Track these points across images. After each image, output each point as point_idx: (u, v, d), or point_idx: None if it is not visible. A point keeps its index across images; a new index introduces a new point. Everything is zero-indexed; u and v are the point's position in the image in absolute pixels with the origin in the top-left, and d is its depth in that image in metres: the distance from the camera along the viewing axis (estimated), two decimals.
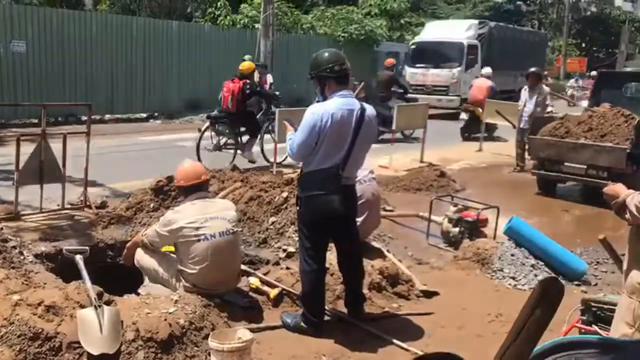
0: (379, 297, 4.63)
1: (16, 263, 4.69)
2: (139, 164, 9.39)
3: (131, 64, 15.08)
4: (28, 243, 5.24)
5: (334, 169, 3.79)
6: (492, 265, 5.35)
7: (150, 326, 3.49)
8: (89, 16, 14.54)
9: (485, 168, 10.97)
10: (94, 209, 6.32)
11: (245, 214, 6.17)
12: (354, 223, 4.22)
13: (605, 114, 8.57)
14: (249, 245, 5.79)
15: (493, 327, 4.34)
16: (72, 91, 13.81)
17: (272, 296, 4.39)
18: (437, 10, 37.53)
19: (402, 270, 5.10)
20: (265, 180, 6.63)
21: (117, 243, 5.63)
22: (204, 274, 4.01)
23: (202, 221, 4.02)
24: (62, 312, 3.42)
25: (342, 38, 21.21)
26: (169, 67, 15.87)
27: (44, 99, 12.99)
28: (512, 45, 22.54)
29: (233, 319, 4.01)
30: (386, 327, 4.20)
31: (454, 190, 8.74)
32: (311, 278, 4.03)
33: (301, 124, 3.87)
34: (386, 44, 23.85)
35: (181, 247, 4.07)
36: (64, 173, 6.27)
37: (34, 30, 13.14)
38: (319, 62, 3.94)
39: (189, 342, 3.59)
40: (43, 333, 3.25)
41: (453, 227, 6.27)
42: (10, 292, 3.56)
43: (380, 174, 9.47)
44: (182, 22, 17.71)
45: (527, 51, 23.55)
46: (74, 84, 13.96)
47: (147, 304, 3.76)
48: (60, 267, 4.95)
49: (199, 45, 16.56)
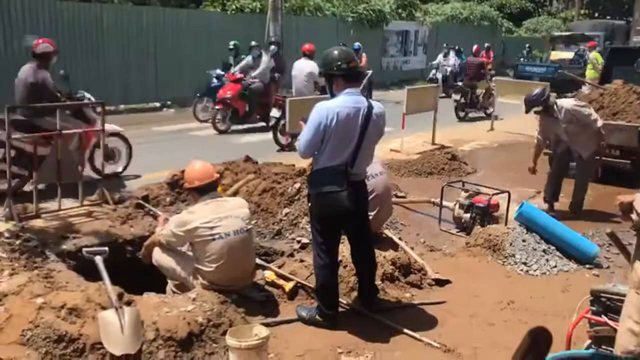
0: (392, 288, 4.72)
1: (39, 262, 4.85)
2: (155, 156, 9.50)
3: (143, 53, 15.14)
4: (50, 242, 5.39)
5: (342, 166, 3.86)
6: (503, 252, 5.40)
7: (170, 325, 3.62)
8: (99, 8, 14.57)
9: (497, 148, 10.97)
10: (111, 204, 6.45)
11: (259, 206, 6.27)
12: (365, 217, 4.30)
13: (617, 91, 8.53)
14: (264, 237, 5.89)
15: (505, 315, 4.42)
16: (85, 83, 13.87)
17: (288, 289, 4.49)
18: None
19: (414, 259, 5.18)
20: (277, 171, 6.72)
21: (136, 238, 5.75)
22: (220, 271, 4.12)
23: (217, 220, 4.12)
24: (84, 314, 3.56)
25: (350, 18, 21.04)
26: (181, 55, 15.91)
27: None
28: None
29: (250, 314, 4.13)
30: (399, 317, 4.29)
31: (465, 173, 8.79)
32: (325, 272, 4.12)
33: (308, 122, 3.93)
34: (396, 23, 23.61)
35: (197, 246, 4.18)
36: (82, 171, 6.41)
37: (46, 24, 13.22)
38: (328, 60, 3.99)
39: (208, 339, 3.71)
40: (67, 335, 3.39)
41: (464, 212, 6.33)
42: (34, 295, 3.69)
43: (391, 158, 9.55)
44: (191, 10, 17.71)
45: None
46: (87, 76, 14.04)
47: (165, 303, 3.88)
48: (82, 264, 5.08)
49: (209, 32, 16.56)
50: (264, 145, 10.28)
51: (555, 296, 4.75)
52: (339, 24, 20.84)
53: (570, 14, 40.95)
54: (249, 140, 11.29)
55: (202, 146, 10.58)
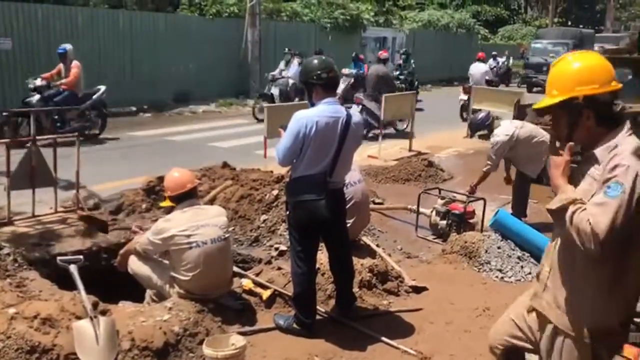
0: (369, 295, 4.74)
1: (11, 271, 4.76)
2: (130, 162, 9.43)
3: (119, 57, 15.01)
4: (22, 249, 5.29)
5: (321, 174, 3.87)
6: (479, 258, 5.46)
7: (146, 335, 3.58)
8: (74, 11, 14.40)
9: (473, 155, 11.06)
10: (86, 211, 6.36)
11: (237, 213, 6.24)
12: (343, 225, 4.31)
13: None
14: (241, 244, 5.87)
15: (480, 322, 4.45)
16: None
17: (265, 298, 4.48)
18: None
19: (391, 266, 5.21)
20: (255, 178, 6.70)
21: (112, 246, 5.68)
22: (196, 280, 4.10)
23: (194, 229, 4.10)
24: (58, 324, 3.50)
25: (328, 24, 21.11)
26: (157, 59, 15.80)
27: None
28: None
29: (227, 323, 4.11)
30: (377, 325, 4.30)
31: (442, 179, 8.87)
32: (302, 280, 4.12)
33: (287, 129, 3.94)
34: (374, 29, 23.77)
35: (174, 254, 4.15)
36: (56, 177, 6.31)
37: (19, 26, 13.04)
38: (307, 69, 4.00)
39: (184, 348, 3.69)
40: (40, 346, 3.33)
41: (441, 219, 6.38)
42: (6, 305, 3.62)
43: (369, 164, 9.60)
44: (169, 14, 17.58)
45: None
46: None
47: (141, 312, 3.85)
48: (56, 273, 5.00)
49: (187, 37, 16.48)
50: (242, 151, 10.25)
51: None
52: (317, 29, 20.89)
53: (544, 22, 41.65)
54: (227, 145, 11.25)
55: (179, 152, 10.53)
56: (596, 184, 2.19)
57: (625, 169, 2.10)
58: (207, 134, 12.65)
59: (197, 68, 16.59)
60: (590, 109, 2.25)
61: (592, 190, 2.19)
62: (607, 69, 2.29)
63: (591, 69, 2.28)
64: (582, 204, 2.15)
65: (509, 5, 42.27)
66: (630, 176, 2.08)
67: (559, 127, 2.36)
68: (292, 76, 14.80)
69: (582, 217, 2.09)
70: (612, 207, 2.06)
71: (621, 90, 2.29)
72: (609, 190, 2.08)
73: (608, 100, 2.28)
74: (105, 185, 7.78)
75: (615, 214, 2.05)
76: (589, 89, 2.23)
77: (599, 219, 2.05)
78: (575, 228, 2.10)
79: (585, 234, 2.07)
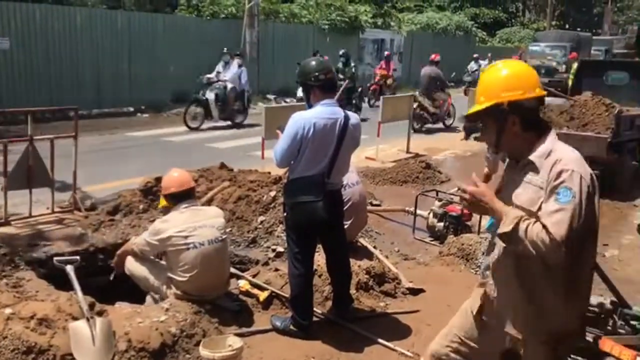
0: (366, 297, 4.73)
1: (7, 271, 4.76)
2: (128, 162, 9.42)
3: (117, 57, 15.00)
4: (19, 249, 5.29)
5: (319, 176, 3.87)
6: (476, 261, 5.45)
7: (142, 336, 3.58)
8: (72, 11, 14.39)
9: (471, 157, 11.08)
10: (83, 211, 6.35)
11: (234, 214, 6.23)
12: (341, 227, 4.31)
13: (587, 103, 8.70)
14: (238, 245, 5.85)
15: None
16: (58, 86, 13.74)
17: (262, 299, 4.48)
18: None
19: (388, 268, 5.20)
20: (253, 179, 6.69)
21: (108, 246, 5.68)
22: (193, 281, 4.09)
23: (191, 230, 4.10)
24: (55, 325, 3.50)
25: (326, 26, 21.11)
26: (155, 60, 15.79)
27: (30, 96, 12.95)
28: None
29: (224, 324, 4.10)
30: (374, 326, 4.30)
31: (439, 181, 8.88)
32: (299, 282, 4.12)
33: (284, 131, 3.94)
34: (372, 31, 23.80)
35: (171, 255, 4.15)
36: (53, 177, 6.31)
37: (17, 26, 13.02)
38: (305, 70, 4.00)
39: (181, 349, 3.68)
40: (36, 347, 3.32)
41: (438, 221, 6.38)
42: (2, 305, 3.62)
43: (367, 166, 9.60)
44: (167, 15, 17.59)
45: None
46: (60, 79, 13.88)
47: (138, 313, 3.84)
48: (52, 273, 4.99)
49: (184, 38, 16.47)
50: (240, 152, 10.24)
51: None
52: (315, 31, 20.90)
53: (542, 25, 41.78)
54: (224, 146, 11.25)
55: (177, 152, 10.53)
56: (542, 192, 2.21)
57: (570, 174, 2.15)
58: (204, 134, 12.64)
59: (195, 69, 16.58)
60: (515, 115, 2.29)
61: (538, 198, 2.22)
62: (531, 76, 2.35)
63: (516, 76, 2.33)
64: (528, 218, 2.18)
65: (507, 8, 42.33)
66: (576, 180, 2.14)
67: (487, 134, 2.41)
68: (230, 79, 13.55)
69: (537, 228, 2.13)
70: (567, 212, 2.11)
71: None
72: (560, 197, 2.13)
73: (533, 107, 2.33)
74: (102, 185, 7.77)
75: (571, 218, 2.11)
76: (513, 95, 2.28)
77: (557, 226, 2.10)
78: (532, 241, 2.13)
79: (545, 243, 2.10)
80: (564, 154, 2.23)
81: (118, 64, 15.05)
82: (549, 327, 2.29)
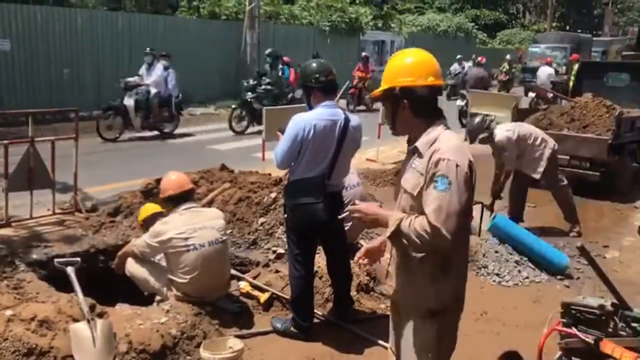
0: (367, 298, 4.73)
1: (8, 273, 4.76)
2: (128, 164, 9.42)
3: (117, 58, 15.01)
4: (20, 251, 5.29)
5: (319, 177, 3.87)
6: (477, 262, 5.46)
7: (143, 337, 3.58)
8: (73, 12, 14.41)
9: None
10: (84, 213, 6.36)
11: (235, 215, 6.23)
12: (342, 229, 4.31)
13: (587, 104, 8.71)
14: (239, 247, 5.85)
15: (478, 326, 4.46)
16: (59, 88, 13.75)
17: (263, 301, 4.48)
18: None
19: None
20: (253, 180, 6.69)
21: (109, 247, 5.68)
22: (194, 282, 4.09)
23: (191, 231, 4.10)
24: (55, 327, 3.50)
25: (326, 27, 21.11)
26: None
27: (31, 97, 12.96)
28: None
29: (224, 326, 4.10)
30: (374, 328, 4.29)
31: None
32: (300, 283, 4.12)
33: (285, 133, 3.94)
34: (372, 33, 23.81)
35: (171, 257, 4.15)
36: (53, 178, 6.31)
37: (18, 28, 13.03)
38: (306, 72, 4.01)
39: (182, 351, 3.68)
40: (37, 348, 3.32)
41: None
42: (3, 307, 3.62)
43: (367, 168, 9.60)
44: (167, 17, 17.60)
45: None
46: (61, 80, 13.89)
47: (139, 315, 3.84)
48: (53, 274, 5.00)
49: (185, 39, 16.48)
50: (241, 154, 10.25)
51: (527, 307, 4.81)
52: (316, 32, 20.91)
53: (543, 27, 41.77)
54: (225, 148, 11.25)
55: (178, 154, 10.54)
56: (422, 178, 2.36)
57: (446, 163, 2.28)
58: (205, 136, 12.66)
59: (195, 70, 16.59)
60: (406, 100, 2.43)
61: (419, 184, 2.37)
62: (427, 66, 2.47)
63: (412, 64, 2.48)
64: (409, 216, 2.34)
65: (507, 10, 42.36)
66: (452, 168, 2.27)
67: (387, 116, 2.60)
68: (154, 83, 11.85)
69: (419, 220, 2.29)
70: (445, 200, 2.26)
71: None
72: (438, 185, 2.27)
73: (424, 94, 2.45)
74: (103, 187, 7.78)
75: (449, 205, 2.25)
76: (405, 81, 2.43)
77: (437, 213, 2.25)
78: (417, 233, 2.28)
79: (427, 232, 2.25)
80: (443, 143, 2.36)
81: (119, 66, 15.05)
82: (426, 304, 2.48)
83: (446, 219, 2.23)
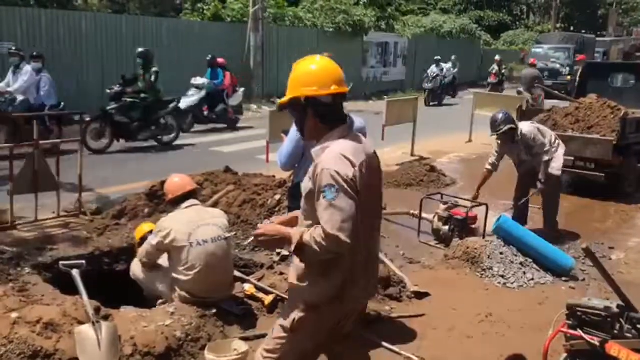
0: (371, 301, 4.68)
1: (13, 275, 4.78)
2: (134, 166, 9.44)
3: (122, 62, 15.05)
4: (25, 253, 5.31)
5: None
6: (481, 264, 5.44)
7: (148, 340, 3.58)
8: (78, 16, 14.47)
9: (475, 160, 11.05)
10: (89, 215, 6.38)
11: (239, 217, 6.25)
12: None
13: (592, 105, 8.68)
14: (243, 249, 5.86)
15: (483, 328, 4.44)
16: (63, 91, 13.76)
17: (267, 303, 4.47)
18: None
19: (393, 272, 5.19)
20: (258, 182, 6.71)
21: (114, 250, 5.69)
22: (196, 280, 4.10)
23: (194, 228, 4.12)
24: (61, 329, 3.50)
25: (330, 29, 21.11)
26: (160, 64, 15.77)
27: None
28: None
29: (229, 328, 4.10)
30: (379, 330, 4.29)
31: (444, 184, 8.87)
32: None
33: (289, 135, 3.94)
34: (376, 34, 23.80)
35: (174, 253, 4.16)
36: (58, 181, 6.34)
37: (23, 31, 13.09)
38: None
39: (186, 354, 3.68)
40: (42, 351, 3.33)
41: (443, 225, 6.37)
42: (9, 310, 3.63)
43: None
44: (171, 19, 17.65)
45: None
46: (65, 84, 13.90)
47: (143, 317, 3.84)
48: (58, 277, 5.00)
49: (189, 42, 16.52)
50: (245, 156, 10.26)
51: (532, 309, 4.79)
52: (320, 34, 20.92)
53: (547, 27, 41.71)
54: (229, 150, 11.27)
55: (182, 156, 10.56)
56: (310, 182, 2.48)
57: (328, 173, 2.38)
58: (209, 138, 12.67)
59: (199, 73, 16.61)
60: (311, 108, 2.54)
61: (307, 187, 2.50)
62: (330, 74, 2.56)
63: (314, 73, 2.56)
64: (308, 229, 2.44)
65: (511, 11, 42.28)
66: (335, 177, 2.37)
67: (296, 123, 2.70)
68: (21, 89, 9.85)
69: (317, 231, 2.39)
70: (334, 207, 2.36)
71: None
72: (327, 194, 2.37)
73: (329, 102, 2.54)
74: (108, 189, 7.80)
75: (341, 212, 2.35)
76: (309, 91, 2.52)
77: (330, 222, 2.35)
78: (316, 242, 2.37)
79: (325, 240, 2.35)
80: (327, 153, 2.46)
81: (123, 69, 15.08)
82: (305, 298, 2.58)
83: (341, 226, 2.33)
